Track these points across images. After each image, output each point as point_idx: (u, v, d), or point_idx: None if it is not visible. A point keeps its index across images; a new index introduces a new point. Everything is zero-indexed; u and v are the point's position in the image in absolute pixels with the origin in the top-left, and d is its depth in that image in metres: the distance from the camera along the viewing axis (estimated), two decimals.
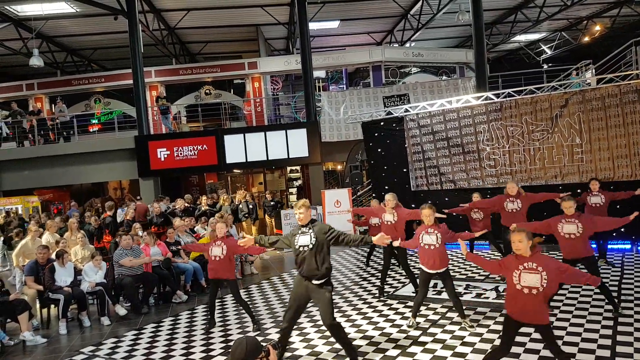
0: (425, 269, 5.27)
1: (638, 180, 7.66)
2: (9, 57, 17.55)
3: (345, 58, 18.02)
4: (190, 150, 13.45)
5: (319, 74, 19.46)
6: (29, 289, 6.52)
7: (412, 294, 6.79)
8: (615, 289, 6.19)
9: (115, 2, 13.04)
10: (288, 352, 4.98)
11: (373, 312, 6.09)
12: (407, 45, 19.58)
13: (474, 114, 9.49)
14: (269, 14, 15.82)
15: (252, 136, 13.65)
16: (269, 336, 5.52)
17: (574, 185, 8.18)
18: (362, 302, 6.55)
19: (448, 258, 5.32)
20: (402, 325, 5.54)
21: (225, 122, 16.63)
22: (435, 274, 5.26)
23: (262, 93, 17.74)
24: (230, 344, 5.32)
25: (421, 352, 4.72)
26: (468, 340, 4.92)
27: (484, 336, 5.00)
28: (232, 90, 19.44)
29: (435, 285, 7.09)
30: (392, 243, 5.40)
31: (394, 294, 6.90)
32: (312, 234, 4.41)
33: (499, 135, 9.23)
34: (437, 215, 5.43)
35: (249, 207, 11.40)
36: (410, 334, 5.22)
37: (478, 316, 5.62)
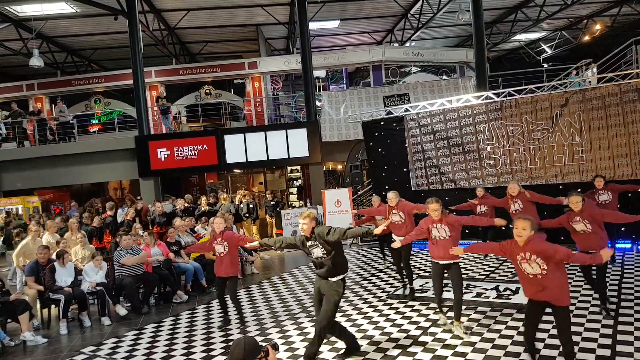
0: (436, 261, 5.20)
1: (638, 179, 7.65)
2: (9, 58, 17.56)
3: (346, 58, 18.01)
4: (191, 150, 13.45)
5: (319, 73, 19.45)
6: (30, 289, 6.53)
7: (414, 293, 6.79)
8: (616, 287, 6.18)
9: (115, 2, 13.04)
10: (289, 352, 4.99)
11: (374, 312, 6.09)
12: (407, 44, 19.57)
13: (474, 114, 9.49)
14: (269, 13, 15.82)
15: (253, 136, 13.65)
16: (269, 336, 5.52)
17: (575, 184, 8.17)
18: (363, 302, 6.55)
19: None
20: (403, 324, 5.54)
21: (226, 122, 16.63)
22: (447, 266, 5.15)
23: (262, 93, 17.74)
24: (230, 344, 5.32)
25: (422, 352, 4.72)
26: (468, 339, 4.92)
27: (485, 335, 4.99)
28: (232, 90, 19.45)
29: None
30: (394, 243, 5.44)
31: (394, 293, 6.90)
32: (319, 245, 4.49)
33: (499, 135, 9.22)
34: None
35: (249, 207, 11.39)
36: (410, 334, 5.22)
37: (479, 315, 5.62)
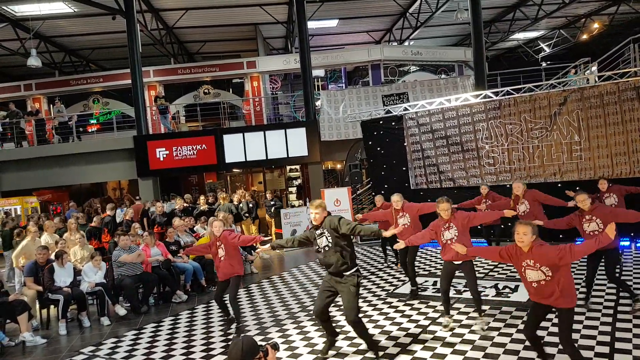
0: (449, 261, 5.19)
1: (636, 178, 7.65)
2: (6, 58, 17.51)
3: (344, 57, 18.00)
4: (190, 150, 13.44)
5: (318, 72, 19.45)
6: (29, 289, 6.51)
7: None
8: (614, 285, 6.19)
9: (113, 2, 13.01)
10: (288, 351, 4.99)
11: (373, 310, 6.09)
12: (406, 43, 19.57)
13: (472, 113, 9.49)
14: (267, 12, 15.81)
15: (252, 135, 13.64)
16: (269, 335, 5.52)
17: (573, 183, 8.19)
18: (362, 300, 6.53)
19: (470, 245, 5.15)
20: (402, 323, 5.55)
21: (224, 122, 16.62)
22: (459, 265, 5.15)
23: (261, 92, 17.73)
24: (229, 343, 5.33)
25: (421, 350, 4.73)
26: (468, 338, 4.93)
27: (483, 333, 5.00)
28: (231, 90, 19.42)
29: (435, 283, 7.11)
30: (397, 245, 5.36)
31: (394, 292, 6.91)
32: (327, 233, 4.47)
33: (497, 134, 9.23)
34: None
35: (248, 207, 11.39)
36: (410, 332, 5.23)
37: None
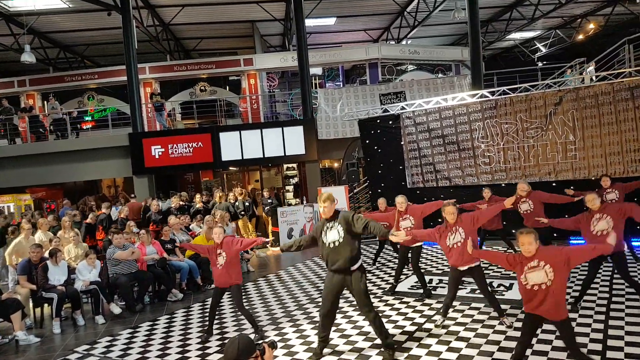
0: (455, 267, 5.13)
1: (630, 177, 7.70)
2: (0, 53, 17.37)
3: (342, 55, 17.97)
4: (185, 148, 13.38)
5: (315, 71, 19.41)
6: (22, 288, 6.47)
7: (409, 289, 6.81)
8: (607, 284, 6.23)
9: None
10: (284, 349, 4.98)
11: None
12: (404, 42, 19.58)
13: (469, 112, 9.51)
14: (264, 10, 15.75)
15: (248, 133, 13.59)
16: (265, 333, 5.51)
17: (568, 182, 8.22)
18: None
19: (477, 243, 5.10)
20: (398, 321, 5.55)
21: (221, 119, 16.56)
22: (467, 270, 5.10)
23: (258, 90, 17.67)
24: (226, 342, 5.31)
25: (416, 348, 4.74)
26: (463, 335, 4.95)
27: (479, 331, 5.02)
28: (228, 87, 19.35)
29: (430, 280, 7.13)
30: (395, 237, 5.36)
31: (389, 290, 6.91)
32: (340, 227, 4.40)
33: (493, 133, 9.26)
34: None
35: (245, 205, 11.36)
36: (406, 330, 5.23)
37: (472, 311, 5.64)
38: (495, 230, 8.10)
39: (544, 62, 21.86)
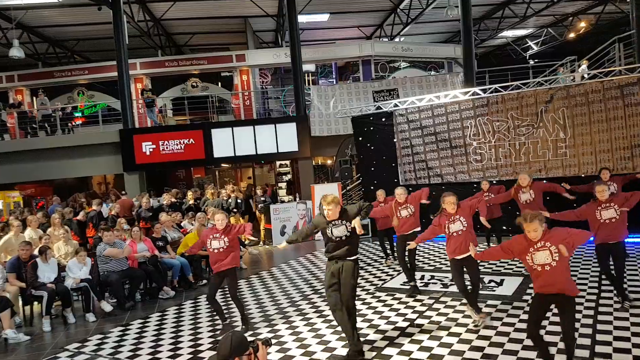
0: (454, 257, 5.17)
1: (619, 175, 7.78)
2: None
3: (335, 52, 17.94)
4: (177, 144, 13.28)
5: (308, 67, 19.36)
6: (11, 286, 6.39)
7: (401, 285, 6.84)
8: (596, 279, 6.30)
9: None
10: (277, 345, 4.98)
11: (362, 305, 6.10)
12: (397, 39, 19.58)
13: (461, 109, 9.55)
14: (257, 5, 15.65)
15: (241, 130, 13.53)
16: (257, 330, 5.50)
17: (558, 179, 8.28)
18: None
19: (476, 242, 5.11)
20: (390, 316, 5.57)
21: (213, 116, 16.46)
22: (463, 260, 5.12)
23: (251, 86, 17.58)
24: (218, 339, 5.30)
25: (408, 343, 4.76)
26: (453, 331, 4.98)
27: (470, 327, 5.03)
28: (220, 83, 19.24)
29: (422, 277, 7.16)
30: (409, 245, 5.64)
31: (382, 286, 6.94)
32: (348, 224, 4.51)
33: (485, 130, 9.31)
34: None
35: (237, 202, 11.31)
36: (398, 325, 5.25)
37: (464, 307, 5.65)
38: (495, 219, 8.06)
39: (536, 60, 22.02)
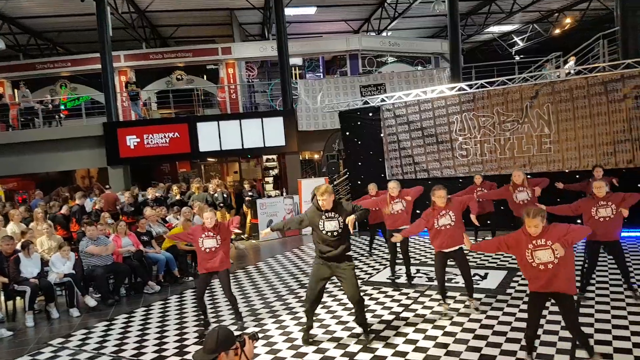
0: (441, 250, 5.24)
1: (603, 170, 7.91)
2: None
3: (322, 46, 17.86)
4: (162, 138, 13.12)
5: (295, 61, 19.23)
6: None
7: (387, 280, 6.89)
8: (580, 273, 6.42)
9: None
10: (264, 340, 4.99)
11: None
12: (384, 34, 19.57)
13: (447, 105, 9.62)
14: None
15: (227, 124, 13.42)
16: (244, 324, 5.50)
17: (542, 174, 8.40)
18: (338, 289, 6.57)
19: (463, 236, 5.14)
20: (376, 310, 5.62)
21: (198, 109, 16.29)
22: (451, 252, 5.23)
23: (237, 80, 17.43)
24: (205, 333, 5.28)
25: (394, 336, 4.81)
26: (439, 324, 5.05)
27: (455, 319, 5.11)
28: (205, 76, 19.02)
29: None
30: (394, 238, 5.59)
31: (369, 280, 6.98)
32: (340, 218, 4.49)
33: (471, 126, 9.39)
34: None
35: (223, 197, 11.24)
36: (383, 319, 5.30)
37: (448, 300, 5.72)
38: (487, 214, 8.13)
39: (521, 56, 22.25)
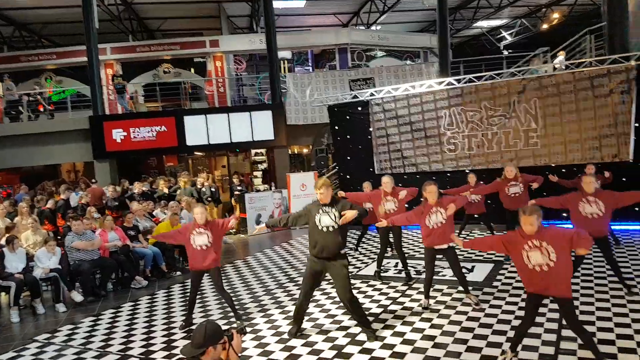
0: (432, 247, 5.26)
1: (587, 164, 8.01)
2: None
3: (311, 39, 17.77)
4: (148, 132, 12.98)
5: (284, 54, 19.13)
6: None
7: (373, 274, 6.91)
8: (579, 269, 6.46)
9: None
10: (252, 334, 4.99)
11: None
12: (373, 28, 19.53)
13: (436, 99, 9.65)
14: None
15: (215, 117, 13.32)
16: (232, 318, 5.49)
17: (529, 169, 8.49)
18: (327, 283, 6.59)
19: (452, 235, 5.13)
20: (364, 303, 5.64)
21: (186, 103, 16.12)
22: (440, 250, 5.25)
23: (225, 73, 17.27)
24: (192, 328, 5.27)
25: (382, 329, 4.84)
26: (426, 316, 5.09)
27: (441, 312, 5.17)
28: (193, 69, 18.81)
29: (396, 264, 7.27)
30: (379, 223, 5.49)
31: (357, 274, 7.02)
32: (337, 214, 4.46)
33: (459, 120, 9.45)
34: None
35: (211, 191, 11.19)
36: (372, 312, 5.34)
37: (435, 293, 5.79)
38: (479, 215, 8.20)
39: (510, 51, 22.37)
